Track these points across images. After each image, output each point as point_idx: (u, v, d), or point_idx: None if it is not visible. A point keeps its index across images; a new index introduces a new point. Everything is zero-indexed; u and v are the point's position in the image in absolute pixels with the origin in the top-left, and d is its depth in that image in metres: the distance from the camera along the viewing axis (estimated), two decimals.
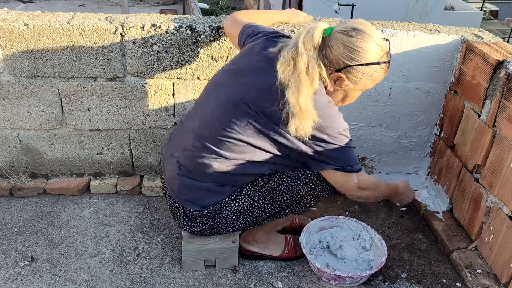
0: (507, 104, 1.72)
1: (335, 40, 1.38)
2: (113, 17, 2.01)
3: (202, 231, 1.69)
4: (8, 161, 2.20)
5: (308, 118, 1.37)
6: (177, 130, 1.71)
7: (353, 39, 1.37)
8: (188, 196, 1.62)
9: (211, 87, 1.61)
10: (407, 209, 2.26)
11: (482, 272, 1.80)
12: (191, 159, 1.57)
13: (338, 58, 1.39)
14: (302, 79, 1.35)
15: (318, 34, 1.37)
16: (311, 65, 1.36)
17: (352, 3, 13.90)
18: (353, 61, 1.39)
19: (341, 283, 1.77)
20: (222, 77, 1.59)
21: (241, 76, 1.51)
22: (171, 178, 1.64)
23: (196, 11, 14.56)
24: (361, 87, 1.47)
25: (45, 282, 1.74)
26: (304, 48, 1.36)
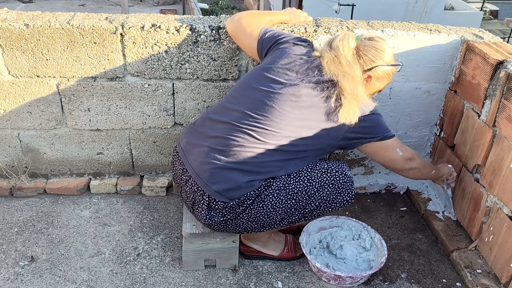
0: (507, 104, 1.72)
1: (365, 45, 1.60)
2: (113, 17, 2.01)
3: (219, 224, 1.66)
4: (8, 161, 2.20)
5: (358, 103, 1.57)
6: (205, 123, 1.70)
7: (379, 44, 1.62)
8: (218, 186, 1.59)
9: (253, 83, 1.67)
10: (407, 209, 2.27)
11: (482, 272, 1.80)
12: (229, 146, 1.59)
13: (370, 59, 1.60)
14: (349, 71, 1.56)
15: (352, 41, 1.59)
16: (349, 63, 1.57)
17: (352, 3, 13.90)
18: (381, 61, 1.61)
19: (341, 283, 1.77)
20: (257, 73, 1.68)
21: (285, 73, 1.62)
22: (202, 165, 1.62)
23: (196, 11, 14.57)
24: (380, 86, 1.68)
25: (45, 282, 1.75)
26: (342, 50, 1.57)
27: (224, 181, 1.59)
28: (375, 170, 2.40)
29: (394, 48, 2.03)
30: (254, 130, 1.58)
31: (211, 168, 1.60)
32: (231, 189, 1.59)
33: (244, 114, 1.61)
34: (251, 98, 1.63)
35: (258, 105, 1.60)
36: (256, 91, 1.63)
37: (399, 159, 1.75)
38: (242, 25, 1.86)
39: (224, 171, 1.58)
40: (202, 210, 1.65)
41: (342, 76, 1.56)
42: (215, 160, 1.59)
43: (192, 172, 1.65)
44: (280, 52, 1.70)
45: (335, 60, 1.58)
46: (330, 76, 1.58)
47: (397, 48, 2.03)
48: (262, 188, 1.61)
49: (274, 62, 1.68)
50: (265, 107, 1.59)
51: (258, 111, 1.59)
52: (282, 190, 1.63)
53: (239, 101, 1.65)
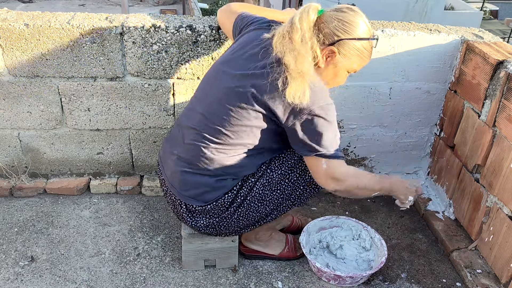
0: (507, 104, 1.72)
1: (329, 17, 1.43)
2: (113, 17, 2.01)
3: (207, 227, 1.67)
4: (8, 161, 2.20)
5: (305, 80, 1.38)
6: (174, 129, 1.71)
7: (346, 14, 1.43)
8: (191, 192, 1.61)
9: (209, 80, 1.61)
10: (407, 209, 2.26)
11: (482, 272, 1.80)
12: (192, 152, 1.57)
13: (332, 32, 1.42)
14: (298, 47, 1.39)
15: (313, 14, 1.41)
16: (304, 39, 1.39)
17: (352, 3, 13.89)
18: (346, 34, 1.42)
19: (341, 283, 1.77)
20: (218, 70, 1.59)
21: (238, 64, 1.52)
22: (172, 174, 1.64)
23: (196, 11, 14.56)
24: (349, 65, 1.48)
25: (45, 282, 1.74)
26: (299, 24, 1.39)
27: (194, 186, 1.60)
28: (375, 170, 2.40)
29: (394, 48, 2.03)
30: (213, 133, 1.53)
31: (180, 176, 1.61)
32: (203, 192, 1.60)
33: (204, 117, 1.55)
34: (208, 98, 1.56)
35: (214, 106, 1.53)
36: (213, 88, 1.56)
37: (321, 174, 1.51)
38: (230, 11, 1.80)
39: (193, 177, 1.59)
40: (186, 216, 1.67)
41: (288, 51, 1.39)
42: (183, 168, 1.60)
43: (168, 183, 1.67)
44: (241, 40, 1.60)
45: (285, 36, 1.41)
46: (276, 54, 1.42)
47: (397, 48, 2.04)
48: (240, 186, 1.62)
49: (230, 53, 1.58)
50: (220, 108, 1.51)
51: (214, 113, 1.53)
52: (265, 183, 1.62)
53: (201, 102, 1.60)
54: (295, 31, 1.39)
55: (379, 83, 2.12)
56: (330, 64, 1.47)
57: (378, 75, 2.10)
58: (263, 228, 1.80)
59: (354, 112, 2.19)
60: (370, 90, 2.13)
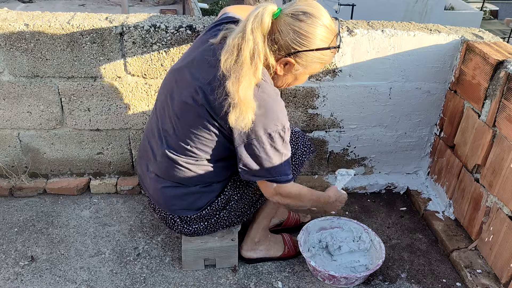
0: (507, 104, 1.72)
1: (284, 25, 1.32)
2: (113, 17, 2.01)
3: (205, 230, 1.69)
4: (8, 161, 2.20)
5: (248, 108, 1.31)
6: (144, 144, 1.67)
7: (303, 24, 1.31)
8: (180, 205, 1.61)
9: (165, 91, 1.55)
10: (407, 209, 2.27)
11: (482, 272, 1.80)
12: (168, 170, 1.55)
13: (288, 44, 1.33)
14: (244, 69, 1.29)
15: (267, 19, 1.30)
16: (256, 52, 1.29)
17: (352, 3, 13.90)
18: (303, 47, 1.34)
19: (336, 283, 1.77)
20: (170, 80, 1.53)
21: (186, 74, 1.46)
22: (155, 192, 1.63)
23: (196, 11, 14.55)
24: (311, 70, 1.43)
25: (45, 282, 1.74)
26: (251, 34, 1.28)
27: (180, 198, 1.60)
28: (375, 170, 2.40)
29: (394, 48, 2.03)
30: (179, 150, 1.50)
31: (163, 193, 1.60)
32: (192, 202, 1.60)
33: (166, 133, 1.52)
34: (166, 112, 1.51)
35: (170, 119, 1.49)
36: (166, 101, 1.51)
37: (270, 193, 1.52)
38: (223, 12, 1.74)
39: (176, 190, 1.58)
40: (182, 228, 1.68)
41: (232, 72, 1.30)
42: (163, 184, 1.59)
43: (154, 200, 1.66)
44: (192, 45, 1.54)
45: (234, 49, 1.30)
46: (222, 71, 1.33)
47: (397, 48, 2.04)
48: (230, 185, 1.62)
49: (182, 58, 1.52)
50: (176, 121, 1.47)
51: (176, 131, 1.48)
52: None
53: (159, 115, 1.56)
54: (245, 44, 1.29)
55: (379, 83, 2.12)
56: (289, 72, 1.42)
57: (378, 75, 2.10)
58: (259, 226, 1.81)
59: (354, 112, 2.19)
60: (370, 90, 2.13)
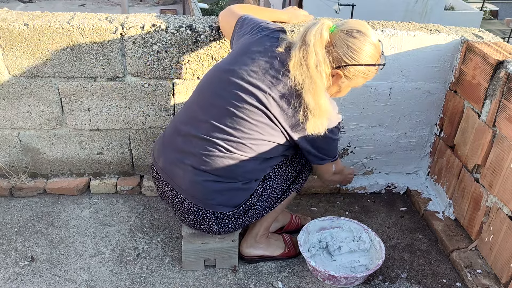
0: (507, 104, 1.72)
1: (339, 40, 1.45)
2: (113, 17, 2.01)
3: (235, 227, 1.70)
4: (8, 161, 2.20)
5: (325, 116, 1.48)
6: (172, 137, 1.63)
7: (355, 40, 1.45)
8: (219, 200, 1.59)
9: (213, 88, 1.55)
10: (407, 209, 2.27)
11: (482, 272, 1.80)
12: (211, 162, 1.54)
13: (340, 57, 1.46)
14: (316, 79, 1.43)
15: (326, 34, 1.44)
16: (319, 64, 1.43)
17: (352, 3, 13.91)
18: (353, 61, 1.46)
19: (335, 283, 1.77)
20: (224, 78, 1.53)
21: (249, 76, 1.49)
22: (191, 185, 1.58)
23: (196, 11, 14.55)
24: (354, 84, 1.56)
25: (45, 282, 1.74)
26: (314, 47, 1.42)
27: (220, 193, 1.59)
28: (375, 170, 2.40)
29: (394, 48, 2.03)
30: (229, 144, 1.52)
31: (204, 186, 1.57)
32: (231, 197, 1.61)
33: (214, 126, 1.53)
34: (217, 108, 1.53)
35: (227, 116, 1.51)
36: (221, 99, 1.53)
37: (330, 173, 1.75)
38: (230, 14, 1.76)
39: (217, 185, 1.57)
40: (212, 224, 1.65)
41: (307, 84, 1.44)
42: (204, 177, 1.56)
43: (186, 194, 1.61)
44: (244, 47, 1.57)
45: (302, 62, 1.43)
46: (295, 84, 1.45)
47: (397, 48, 2.03)
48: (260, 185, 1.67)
49: (237, 62, 1.54)
50: (235, 119, 1.50)
51: (228, 122, 1.51)
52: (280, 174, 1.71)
53: (206, 111, 1.56)
54: (310, 56, 1.42)
55: (379, 83, 2.12)
56: (335, 83, 1.54)
57: (378, 75, 2.08)
58: (262, 225, 1.81)
59: (354, 112, 2.19)
60: (370, 90, 2.13)
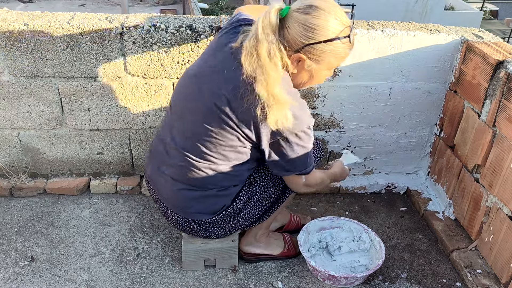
0: (507, 104, 1.72)
1: (291, 20, 1.31)
2: (113, 17, 2.01)
3: (225, 232, 1.70)
4: (8, 161, 2.20)
5: (285, 106, 1.33)
6: (158, 145, 1.64)
7: (308, 17, 1.30)
8: (196, 208, 1.60)
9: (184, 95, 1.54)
10: (407, 209, 2.27)
11: (482, 272, 1.80)
12: (185, 173, 1.54)
13: (296, 38, 1.32)
14: (267, 67, 1.30)
15: (274, 17, 1.30)
16: (272, 51, 1.30)
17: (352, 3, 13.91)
18: (310, 40, 1.31)
19: (336, 283, 1.77)
20: (191, 83, 1.51)
21: (208, 79, 1.45)
22: (171, 195, 1.61)
23: (196, 11, 14.54)
24: (326, 66, 1.39)
25: (45, 282, 1.74)
26: (263, 34, 1.29)
27: (198, 201, 1.59)
28: (375, 170, 2.40)
29: (394, 48, 2.03)
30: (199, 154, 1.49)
31: (181, 195, 1.59)
32: (209, 205, 1.60)
33: (185, 137, 1.51)
34: (187, 116, 1.50)
35: (194, 126, 1.48)
36: (189, 105, 1.49)
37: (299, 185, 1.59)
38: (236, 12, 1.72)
39: (193, 193, 1.57)
40: (197, 231, 1.67)
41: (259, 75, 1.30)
42: (180, 187, 1.57)
43: (168, 202, 1.64)
44: (210, 46, 1.53)
45: (252, 53, 1.30)
46: (247, 77, 1.32)
47: (397, 48, 2.03)
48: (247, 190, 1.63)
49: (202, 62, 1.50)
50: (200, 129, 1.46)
51: (196, 133, 1.47)
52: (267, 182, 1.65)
53: (177, 118, 1.54)
54: (260, 44, 1.29)
55: (379, 83, 2.12)
56: (302, 69, 1.39)
57: (378, 75, 2.10)
58: (262, 225, 1.81)
59: (354, 112, 2.19)
60: (370, 90, 2.13)
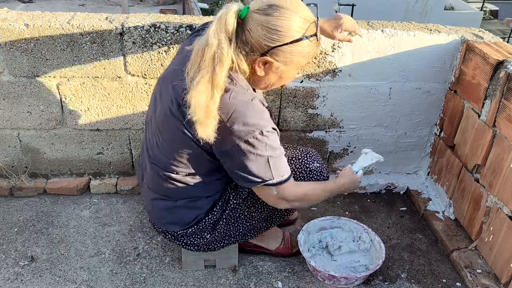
0: (507, 104, 1.72)
1: (252, 22, 1.24)
2: (113, 17, 2.01)
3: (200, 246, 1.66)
4: (8, 161, 2.20)
5: (207, 118, 1.24)
6: (141, 153, 1.66)
7: (270, 18, 1.22)
8: (168, 219, 1.59)
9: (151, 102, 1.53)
10: (407, 209, 2.27)
11: (482, 272, 1.80)
12: (157, 183, 1.54)
13: (260, 42, 1.24)
14: (204, 76, 1.22)
15: (231, 20, 1.22)
16: (217, 56, 1.21)
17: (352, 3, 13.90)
18: (275, 42, 1.24)
19: (336, 283, 1.77)
20: (155, 90, 1.50)
21: (167, 84, 1.41)
22: (149, 204, 1.63)
23: (196, 11, 14.54)
24: (295, 66, 1.33)
25: (45, 282, 1.74)
26: (214, 37, 1.21)
27: (169, 211, 1.58)
28: (375, 170, 2.40)
29: (394, 48, 2.03)
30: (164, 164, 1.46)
31: (155, 205, 1.60)
32: (179, 217, 1.58)
33: (153, 148, 1.49)
34: (150, 123, 1.48)
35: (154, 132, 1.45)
36: (152, 112, 1.47)
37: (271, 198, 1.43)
38: None
39: (164, 203, 1.57)
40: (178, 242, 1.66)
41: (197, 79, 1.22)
42: (152, 196, 1.59)
43: (148, 212, 1.67)
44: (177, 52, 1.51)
45: (197, 55, 1.23)
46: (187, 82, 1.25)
47: (397, 48, 2.04)
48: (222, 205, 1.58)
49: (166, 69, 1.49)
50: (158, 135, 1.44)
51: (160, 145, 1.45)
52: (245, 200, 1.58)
53: (148, 127, 1.52)
54: (209, 48, 1.21)
55: (379, 83, 2.12)
56: (270, 71, 1.32)
57: (378, 75, 2.10)
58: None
59: (354, 112, 2.19)
60: (370, 90, 2.13)
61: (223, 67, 1.23)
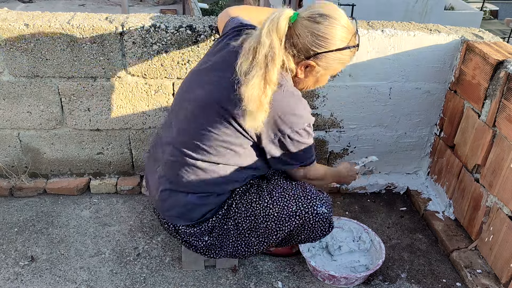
0: (507, 104, 1.72)
1: (302, 28, 1.33)
2: (113, 17, 2.01)
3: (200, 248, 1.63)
4: (8, 161, 2.20)
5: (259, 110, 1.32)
6: (155, 144, 1.65)
7: (320, 26, 1.33)
8: (173, 212, 1.57)
9: (182, 92, 1.55)
10: (407, 209, 2.27)
11: (482, 272, 1.80)
12: (173, 169, 1.52)
13: (307, 47, 1.35)
14: (258, 72, 1.30)
15: (283, 23, 1.30)
16: (270, 55, 1.30)
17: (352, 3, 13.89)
18: (322, 48, 1.35)
19: (336, 283, 1.77)
20: (191, 80, 1.53)
21: (208, 75, 1.47)
22: (155, 194, 1.60)
23: (196, 11, 14.54)
24: (332, 71, 1.45)
25: (45, 282, 1.74)
26: (266, 37, 1.29)
27: (177, 205, 1.55)
28: (375, 170, 2.40)
29: (394, 48, 2.03)
30: (192, 149, 1.47)
31: (162, 195, 1.56)
32: (187, 211, 1.55)
33: (180, 132, 1.50)
34: (184, 111, 1.50)
35: (190, 121, 1.47)
36: (187, 102, 1.50)
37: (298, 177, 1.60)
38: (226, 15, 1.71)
39: (175, 195, 1.54)
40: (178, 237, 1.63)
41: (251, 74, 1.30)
42: (164, 186, 1.56)
43: (154, 201, 1.63)
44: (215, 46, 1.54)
45: (249, 53, 1.32)
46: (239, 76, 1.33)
47: (397, 48, 2.04)
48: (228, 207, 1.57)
49: (203, 63, 1.52)
50: (196, 123, 1.45)
51: (191, 128, 1.47)
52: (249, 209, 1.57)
53: (176, 115, 1.54)
54: (261, 47, 1.29)
55: (379, 83, 2.12)
56: (310, 74, 1.43)
57: (378, 75, 2.10)
58: None
59: (354, 112, 2.19)
60: (370, 90, 2.13)
61: (275, 65, 1.31)
